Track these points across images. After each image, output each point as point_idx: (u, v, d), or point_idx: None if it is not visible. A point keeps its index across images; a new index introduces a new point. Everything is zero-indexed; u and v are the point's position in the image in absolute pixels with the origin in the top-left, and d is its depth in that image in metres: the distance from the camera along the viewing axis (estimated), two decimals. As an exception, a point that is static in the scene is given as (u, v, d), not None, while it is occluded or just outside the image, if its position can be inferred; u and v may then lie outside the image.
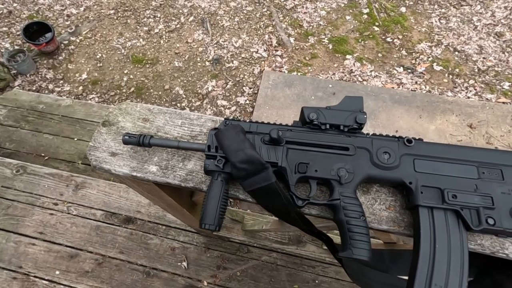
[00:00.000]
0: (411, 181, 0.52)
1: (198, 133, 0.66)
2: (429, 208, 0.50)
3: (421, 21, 3.03)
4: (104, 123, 0.68)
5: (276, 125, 0.59)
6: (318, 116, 0.57)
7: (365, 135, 0.57)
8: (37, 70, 2.85)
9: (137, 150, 0.64)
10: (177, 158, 0.63)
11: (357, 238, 0.49)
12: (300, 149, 0.56)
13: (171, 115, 0.68)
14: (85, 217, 1.65)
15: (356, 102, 0.59)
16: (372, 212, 0.56)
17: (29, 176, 1.78)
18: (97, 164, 0.63)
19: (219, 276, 1.49)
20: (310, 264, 1.50)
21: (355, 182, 0.53)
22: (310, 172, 0.54)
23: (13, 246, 1.57)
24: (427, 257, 0.47)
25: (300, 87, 2.55)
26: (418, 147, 0.55)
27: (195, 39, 3.03)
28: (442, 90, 2.61)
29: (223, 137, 0.54)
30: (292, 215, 0.55)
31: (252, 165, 0.52)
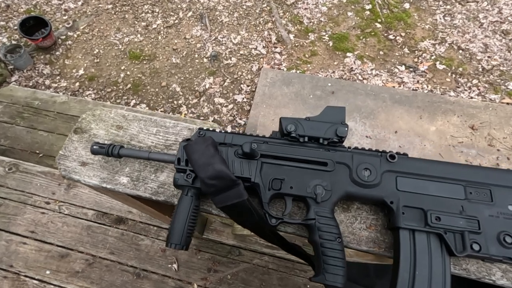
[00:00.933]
0: (392, 200, 0.49)
1: (173, 142, 0.63)
2: (410, 230, 0.47)
3: (425, 18, 2.95)
4: (76, 130, 0.65)
5: (253, 137, 0.56)
6: (296, 127, 0.54)
7: (346, 149, 0.54)
8: (34, 65, 2.82)
9: (108, 159, 0.61)
10: (150, 169, 0.60)
11: (331, 263, 0.45)
12: (275, 163, 0.52)
13: (146, 123, 0.65)
14: (76, 217, 1.64)
15: (338, 113, 0.55)
16: (351, 232, 0.53)
17: (21, 174, 1.76)
18: (66, 174, 0.60)
19: (209, 278, 1.47)
20: (302, 268, 1.47)
21: (332, 200, 0.50)
22: (285, 188, 0.51)
23: (4, 244, 1.57)
24: (406, 284, 0.44)
25: (298, 85, 2.50)
26: (401, 163, 0.51)
27: (193, 35, 2.98)
28: (444, 90, 2.54)
29: (192, 151, 0.50)
30: (267, 232, 0.52)
31: (221, 181, 0.48)
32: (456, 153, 2.18)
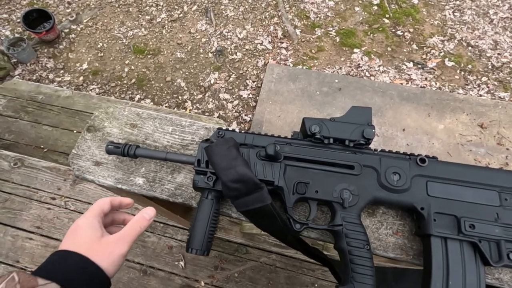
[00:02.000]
0: (423, 206, 0.47)
1: (190, 142, 0.60)
2: (442, 238, 0.45)
3: (434, 13, 2.89)
4: (89, 128, 0.63)
5: (274, 137, 0.54)
6: (321, 129, 0.51)
7: (373, 152, 0.51)
8: (37, 59, 2.79)
9: (123, 159, 0.59)
10: (166, 170, 0.58)
11: (360, 271, 0.44)
12: (299, 166, 0.50)
13: (161, 121, 0.63)
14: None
15: (364, 113, 0.52)
16: (377, 238, 0.51)
17: (26, 169, 1.75)
18: (80, 174, 0.58)
19: (216, 276, 1.47)
20: (310, 267, 1.46)
21: (359, 205, 0.48)
22: (310, 193, 0.49)
23: (10, 240, 1.56)
24: (439, 295, 0.42)
25: (305, 81, 2.47)
26: (432, 167, 0.49)
27: (198, 29, 2.94)
28: (453, 87, 2.50)
29: (213, 153, 0.48)
30: (289, 237, 0.50)
31: (244, 184, 0.46)
32: (465, 152, 2.15)
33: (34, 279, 0.34)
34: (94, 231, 0.42)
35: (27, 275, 0.35)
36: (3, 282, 0.34)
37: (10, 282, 0.34)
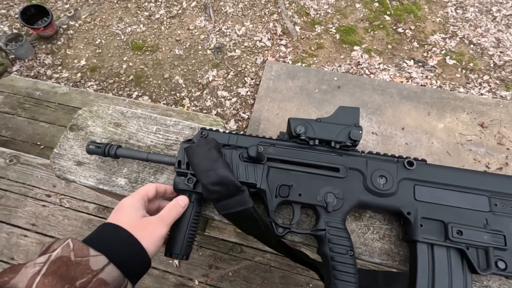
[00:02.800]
0: (410, 211, 0.45)
1: (174, 142, 0.59)
2: (429, 244, 0.43)
3: (436, 10, 2.85)
4: (72, 127, 0.61)
5: (259, 138, 0.52)
6: (306, 129, 0.50)
7: (360, 154, 0.50)
8: (35, 55, 2.78)
9: (105, 159, 0.58)
10: (149, 171, 0.56)
11: (342, 278, 0.42)
12: (283, 168, 0.49)
13: (146, 120, 0.61)
14: (77, 210, 1.62)
15: (352, 114, 0.51)
16: (363, 242, 0.49)
17: (22, 166, 1.74)
18: (61, 174, 0.57)
19: (211, 275, 1.46)
20: (305, 268, 1.45)
21: (344, 209, 0.46)
22: (293, 196, 0.47)
23: (5, 237, 1.56)
24: (423, 303, 0.41)
25: (303, 79, 2.44)
26: (420, 170, 0.47)
27: (197, 25, 2.91)
28: (453, 86, 2.47)
29: (193, 154, 0.47)
30: (272, 241, 0.49)
31: (225, 187, 0.45)
32: (464, 151, 2.12)
33: (86, 249, 0.35)
34: (136, 211, 0.43)
35: (80, 243, 0.36)
36: (59, 247, 0.35)
37: (65, 247, 0.35)
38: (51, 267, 0.32)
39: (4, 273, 0.33)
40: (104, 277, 0.34)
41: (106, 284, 0.34)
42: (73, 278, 0.32)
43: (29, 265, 0.33)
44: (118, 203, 0.44)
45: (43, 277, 0.31)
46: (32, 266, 0.33)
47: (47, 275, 0.32)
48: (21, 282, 0.31)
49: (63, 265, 0.33)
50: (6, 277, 0.32)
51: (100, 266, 0.34)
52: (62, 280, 0.32)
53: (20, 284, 0.31)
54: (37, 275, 0.31)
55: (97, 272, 0.34)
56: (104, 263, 0.35)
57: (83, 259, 0.34)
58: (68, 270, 0.33)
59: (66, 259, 0.33)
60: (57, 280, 0.31)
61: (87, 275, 0.33)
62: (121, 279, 0.36)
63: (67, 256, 0.34)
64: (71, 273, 0.33)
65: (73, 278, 0.32)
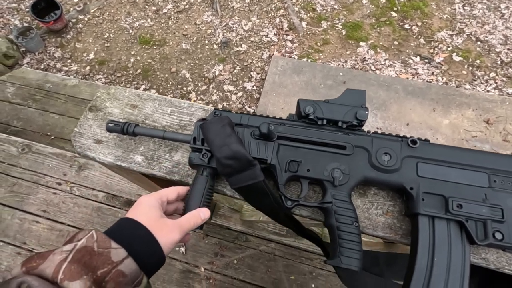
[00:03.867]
0: (412, 186, 0.48)
1: (188, 122, 0.62)
2: (430, 217, 0.46)
3: (443, 7, 2.84)
4: (91, 108, 0.65)
5: (269, 118, 0.55)
6: (314, 110, 0.52)
7: (365, 133, 0.52)
8: (45, 48, 2.84)
9: (123, 138, 0.61)
10: (164, 149, 0.60)
11: (347, 246, 0.45)
12: (292, 145, 0.51)
13: (161, 102, 0.65)
14: (87, 198, 1.67)
15: (358, 96, 0.53)
16: (367, 217, 0.52)
17: (34, 155, 1.79)
18: (82, 151, 0.60)
19: (216, 263, 1.49)
20: (308, 257, 1.48)
21: (350, 184, 0.49)
22: (302, 171, 0.50)
23: (18, 222, 1.61)
24: (423, 271, 0.43)
25: (309, 74, 2.46)
26: (423, 149, 0.49)
27: (203, 20, 2.94)
28: (459, 83, 2.47)
29: (208, 130, 0.50)
30: (281, 215, 0.52)
31: (238, 161, 0.48)
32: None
33: (108, 241, 0.37)
34: (153, 210, 0.44)
35: (103, 235, 0.38)
36: (84, 237, 0.37)
37: (89, 238, 0.37)
38: (76, 255, 0.34)
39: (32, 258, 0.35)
40: (123, 269, 0.36)
41: (124, 275, 0.36)
42: (95, 267, 0.34)
43: (56, 252, 0.35)
44: (138, 200, 0.46)
45: (69, 264, 0.33)
46: (59, 253, 0.34)
47: (73, 262, 0.33)
48: (49, 268, 0.33)
49: (86, 254, 0.35)
50: (34, 263, 0.34)
51: (120, 258, 0.36)
52: (86, 268, 0.34)
53: (48, 270, 0.32)
54: (63, 262, 0.33)
55: (117, 264, 0.36)
56: (124, 256, 0.37)
57: (105, 250, 0.36)
58: (91, 259, 0.35)
59: (90, 249, 0.35)
60: (81, 268, 0.33)
61: (107, 266, 0.35)
62: (137, 272, 0.37)
63: (91, 246, 0.36)
64: (93, 262, 0.35)
65: (95, 267, 0.34)
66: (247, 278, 1.46)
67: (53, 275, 0.32)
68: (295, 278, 1.45)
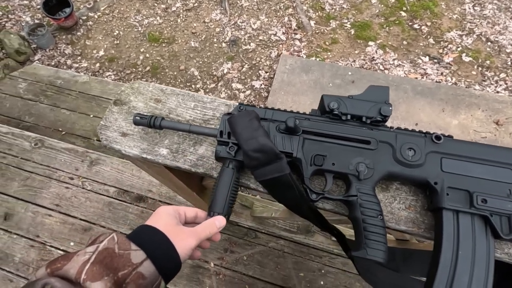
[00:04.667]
0: (437, 181, 0.48)
1: (211, 117, 0.63)
2: (454, 211, 0.47)
3: (453, 7, 2.83)
4: (116, 102, 0.66)
5: (293, 113, 0.56)
6: (339, 105, 0.53)
7: (389, 129, 0.53)
8: (56, 45, 2.87)
9: (148, 131, 0.62)
10: (188, 142, 0.61)
11: (372, 238, 0.46)
12: (317, 140, 0.52)
13: (184, 97, 0.66)
14: (98, 193, 1.69)
15: (382, 92, 0.54)
16: (390, 211, 0.53)
17: (46, 149, 1.82)
18: (108, 143, 0.62)
19: (226, 258, 1.51)
20: (317, 254, 1.49)
21: (374, 178, 0.50)
22: (327, 165, 0.51)
23: (31, 216, 1.64)
24: (448, 265, 0.44)
25: (317, 73, 2.46)
26: (447, 144, 0.50)
27: (212, 19, 2.95)
28: (469, 83, 2.46)
29: (236, 123, 0.51)
30: (304, 208, 0.53)
31: (265, 154, 0.49)
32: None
33: (128, 243, 0.38)
34: (170, 218, 0.46)
35: (123, 237, 0.39)
36: (105, 240, 0.38)
37: (111, 240, 0.38)
38: (98, 257, 0.36)
39: (57, 260, 0.36)
40: (143, 271, 0.37)
41: (143, 277, 0.37)
42: (116, 269, 0.35)
43: (80, 253, 0.36)
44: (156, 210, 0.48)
45: (92, 265, 0.34)
46: (83, 254, 0.36)
47: (95, 263, 0.35)
48: (73, 269, 0.34)
49: (108, 256, 0.36)
50: (58, 264, 0.35)
51: (139, 260, 0.37)
52: (107, 270, 0.35)
53: (72, 270, 0.34)
54: (86, 263, 0.34)
55: (137, 266, 0.37)
56: (143, 258, 0.38)
57: (125, 252, 0.37)
58: (112, 261, 0.36)
59: (111, 251, 0.37)
60: (103, 269, 0.34)
61: (128, 267, 0.36)
62: (156, 275, 0.39)
63: (112, 248, 0.37)
64: (114, 264, 0.36)
65: (116, 269, 0.35)
66: (257, 274, 1.47)
67: (76, 276, 0.33)
68: (304, 275, 1.46)
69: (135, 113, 0.58)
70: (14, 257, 1.53)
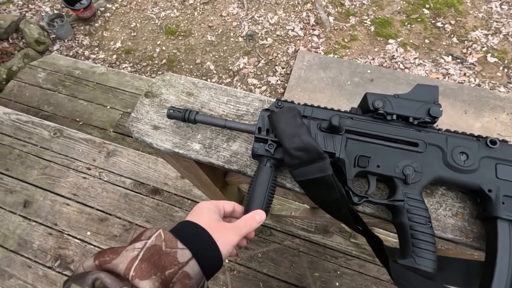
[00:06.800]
0: (491, 188, 0.45)
1: (245, 112, 0.61)
2: (510, 222, 0.44)
3: (479, 5, 2.72)
4: (147, 94, 0.65)
5: (334, 111, 0.53)
6: (384, 104, 0.50)
7: (438, 131, 0.50)
8: (74, 35, 2.89)
9: (180, 125, 0.61)
10: (222, 138, 0.59)
11: (422, 247, 0.43)
12: (361, 140, 0.50)
13: (216, 91, 0.64)
14: (115, 184, 1.70)
15: (431, 92, 0.51)
16: (435, 218, 0.50)
17: (65, 139, 1.84)
18: (139, 136, 0.60)
19: (240, 255, 1.50)
20: (333, 255, 1.47)
21: (422, 183, 0.47)
22: (372, 167, 0.48)
23: (49, 204, 1.66)
24: (504, 279, 0.41)
25: (335, 70, 2.41)
26: (502, 150, 0.47)
27: (229, 12, 2.92)
28: (493, 85, 2.37)
29: (278, 120, 0.49)
30: (344, 211, 0.50)
31: (308, 153, 0.46)
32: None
33: (175, 241, 0.37)
34: (213, 214, 0.44)
35: (170, 235, 0.37)
36: (153, 236, 0.37)
37: (158, 237, 0.37)
38: (146, 254, 0.34)
39: (105, 253, 0.35)
40: (188, 271, 0.36)
41: (189, 278, 0.36)
42: (163, 267, 0.34)
43: (129, 248, 0.35)
44: (196, 205, 0.47)
45: (140, 262, 0.33)
46: (132, 250, 0.35)
47: (143, 260, 0.34)
48: (122, 264, 0.33)
49: (155, 253, 0.35)
50: (107, 257, 0.34)
51: (185, 260, 0.36)
52: (155, 268, 0.34)
53: (121, 265, 0.33)
54: (135, 259, 0.33)
55: (183, 265, 0.36)
56: (189, 257, 0.36)
57: (172, 250, 0.36)
58: (160, 259, 0.35)
59: (158, 248, 0.35)
60: (151, 267, 0.33)
61: (174, 266, 0.35)
62: (201, 276, 0.37)
63: (159, 245, 0.36)
64: (161, 262, 0.35)
65: (163, 267, 0.34)
66: (271, 272, 1.46)
67: (125, 272, 0.32)
68: (319, 275, 1.44)
69: (169, 106, 0.57)
70: (32, 244, 1.56)
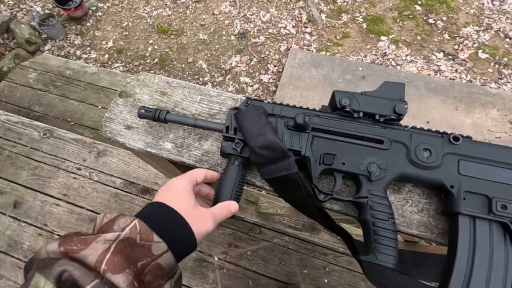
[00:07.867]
0: (453, 184, 0.46)
1: (217, 111, 0.61)
2: (471, 217, 0.44)
3: (471, 1, 2.73)
4: (121, 94, 0.65)
5: (303, 109, 0.54)
6: (351, 102, 0.51)
7: (403, 128, 0.50)
8: (65, 35, 2.88)
9: (152, 125, 0.61)
10: (194, 137, 0.59)
11: (383, 243, 0.44)
12: (327, 138, 0.50)
13: (190, 90, 0.64)
14: (105, 184, 1.70)
15: (397, 89, 0.51)
16: (401, 214, 0.50)
17: (55, 139, 1.84)
18: (112, 136, 0.61)
19: (230, 253, 1.51)
20: (322, 252, 1.47)
21: (386, 180, 0.47)
22: (337, 164, 0.49)
23: (39, 204, 1.66)
24: (463, 274, 0.42)
25: (327, 68, 2.42)
26: (465, 146, 0.47)
27: (221, 11, 2.91)
28: (485, 81, 2.38)
29: (243, 119, 0.49)
30: (311, 208, 0.51)
31: (272, 151, 0.47)
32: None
33: (151, 234, 0.36)
34: (189, 197, 0.43)
35: (146, 227, 0.36)
36: (127, 228, 0.36)
37: (133, 229, 0.36)
38: (118, 246, 0.33)
39: (72, 241, 0.33)
40: (161, 262, 0.36)
41: (161, 268, 0.36)
42: (136, 259, 0.34)
43: (99, 240, 0.33)
44: (168, 182, 0.44)
45: (112, 254, 0.32)
46: (103, 242, 0.33)
47: (116, 253, 0.33)
48: (92, 256, 0.32)
49: (128, 246, 0.34)
50: (75, 246, 0.32)
51: (159, 252, 0.36)
52: (128, 261, 0.33)
53: (90, 257, 0.32)
54: (107, 252, 0.32)
55: (156, 257, 0.35)
56: (164, 250, 0.36)
57: (146, 243, 0.35)
58: (133, 251, 0.34)
59: (132, 241, 0.35)
60: (124, 260, 0.32)
61: (147, 258, 0.34)
62: (174, 265, 0.37)
63: (134, 238, 0.35)
64: (134, 254, 0.34)
65: (136, 259, 0.34)
66: (260, 270, 1.47)
67: (96, 264, 0.31)
68: (308, 272, 1.45)
69: (140, 106, 0.57)
70: (22, 244, 1.56)
